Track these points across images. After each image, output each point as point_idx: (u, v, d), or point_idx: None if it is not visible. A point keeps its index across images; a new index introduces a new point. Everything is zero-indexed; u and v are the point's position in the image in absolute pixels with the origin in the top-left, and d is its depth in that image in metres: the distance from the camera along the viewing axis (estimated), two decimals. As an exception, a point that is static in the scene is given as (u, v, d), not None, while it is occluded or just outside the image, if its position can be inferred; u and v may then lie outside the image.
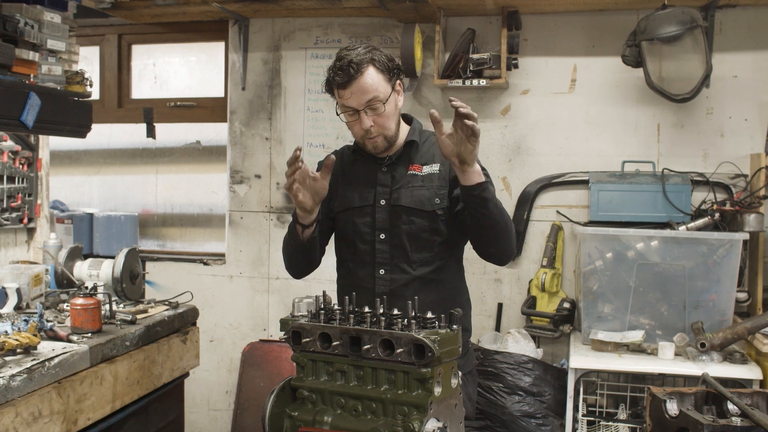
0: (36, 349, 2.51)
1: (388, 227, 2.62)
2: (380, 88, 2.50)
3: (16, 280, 3.17)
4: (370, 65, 2.49)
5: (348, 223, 2.69)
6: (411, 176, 2.62)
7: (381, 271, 2.62)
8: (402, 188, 2.62)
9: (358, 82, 2.48)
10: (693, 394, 2.82)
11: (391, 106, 2.55)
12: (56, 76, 2.96)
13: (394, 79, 2.56)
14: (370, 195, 2.66)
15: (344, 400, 1.91)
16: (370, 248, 2.64)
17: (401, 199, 2.60)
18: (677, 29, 3.72)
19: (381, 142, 2.59)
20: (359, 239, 2.66)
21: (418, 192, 2.60)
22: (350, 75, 2.48)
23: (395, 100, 2.58)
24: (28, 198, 3.68)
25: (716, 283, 3.69)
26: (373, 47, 2.55)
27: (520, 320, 4.31)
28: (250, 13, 4.48)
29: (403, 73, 2.66)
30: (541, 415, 3.74)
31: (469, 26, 4.21)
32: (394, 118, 2.59)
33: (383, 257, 2.62)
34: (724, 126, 4.09)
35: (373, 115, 2.52)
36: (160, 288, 4.75)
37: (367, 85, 2.49)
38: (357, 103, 2.51)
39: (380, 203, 2.63)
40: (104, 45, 5.03)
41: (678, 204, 3.92)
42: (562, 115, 4.27)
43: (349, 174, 2.73)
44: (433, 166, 2.63)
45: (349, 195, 2.69)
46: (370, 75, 2.49)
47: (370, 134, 2.56)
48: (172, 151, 5.08)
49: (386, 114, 2.54)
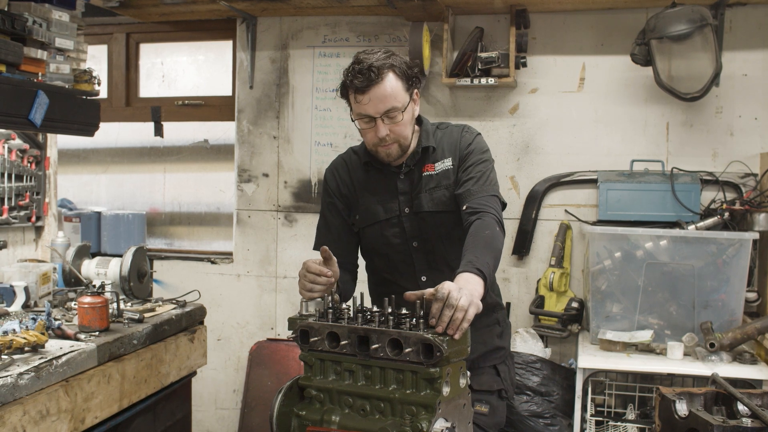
0: (44, 348, 2.51)
1: (418, 234, 2.57)
2: (399, 96, 2.42)
3: (24, 278, 3.18)
4: (390, 71, 2.40)
5: (377, 236, 2.62)
6: (427, 178, 2.57)
7: (423, 278, 2.57)
8: (421, 193, 2.56)
9: (378, 88, 2.39)
10: (702, 394, 2.81)
11: (408, 115, 2.48)
12: (64, 74, 2.96)
13: (413, 87, 2.48)
14: (394, 205, 2.59)
15: (352, 400, 1.90)
16: (407, 257, 2.60)
17: (423, 204, 2.55)
18: (687, 27, 3.70)
19: (395, 151, 2.52)
20: (392, 250, 2.62)
21: (436, 194, 2.55)
22: (370, 80, 2.38)
23: (412, 108, 2.50)
24: (36, 196, 3.69)
25: (725, 283, 3.67)
26: (392, 53, 2.46)
27: (528, 320, 4.30)
28: (258, 11, 4.48)
29: (420, 81, 2.58)
30: (549, 415, 3.72)
31: (478, 25, 4.20)
32: (411, 127, 2.53)
33: (421, 265, 2.58)
34: (733, 125, 4.06)
35: (390, 124, 2.44)
36: (167, 287, 4.76)
37: (386, 93, 2.39)
38: (374, 111, 2.42)
39: (405, 211, 2.58)
40: (112, 43, 5.04)
41: (687, 203, 3.90)
42: (570, 113, 4.26)
43: (366, 184, 2.66)
44: (446, 161, 2.57)
45: (372, 208, 2.62)
46: (390, 82, 2.40)
47: (384, 142, 2.48)
48: (180, 149, 5.08)
49: (403, 123, 2.46)
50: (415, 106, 2.52)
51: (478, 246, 2.27)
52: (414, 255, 2.58)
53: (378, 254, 2.67)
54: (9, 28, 2.59)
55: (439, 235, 2.55)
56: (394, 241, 2.60)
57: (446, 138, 2.62)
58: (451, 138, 2.62)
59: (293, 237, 4.67)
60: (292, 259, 4.65)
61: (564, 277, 4.16)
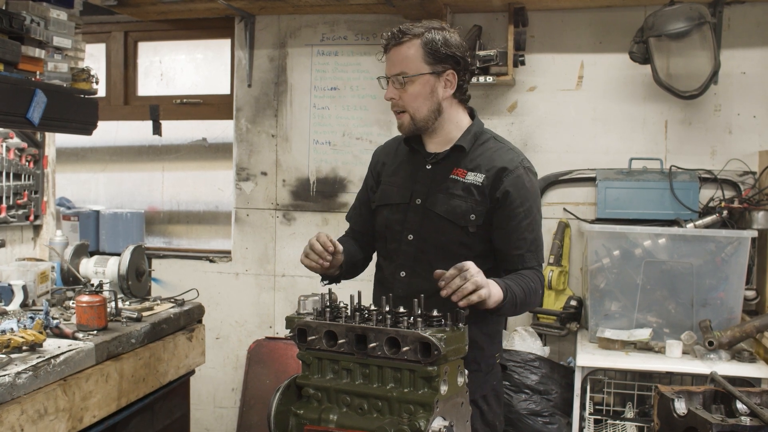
0: (42, 347, 2.50)
1: (418, 229, 2.48)
2: (413, 64, 2.39)
3: (22, 277, 3.18)
4: (416, 39, 2.39)
5: (382, 218, 2.59)
6: (452, 181, 2.45)
7: (402, 273, 2.50)
8: (440, 193, 2.46)
9: (396, 49, 2.42)
10: (701, 392, 2.81)
11: (421, 87, 2.41)
12: (62, 73, 2.95)
13: (442, 64, 2.41)
14: (407, 193, 2.52)
15: (350, 399, 1.90)
16: (397, 247, 2.52)
17: (437, 205, 2.45)
18: (685, 25, 3.70)
19: (406, 121, 2.46)
20: (389, 236, 2.56)
21: (455, 201, 2.43)
22: (391, 40, 2.43)
23: (433, 84, 2.42)
24: (35, 195, 3.69)
25: (724, 281, 3.67)
26: (442, 27, 2.44)
27: (526, 318, 4.29)
28: (256, 10, 4.47)
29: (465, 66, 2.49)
30: (547, 414, 3.73)
31: (476, 23, 4.20)
32: (427, 103, 2.43)
33: (406, 259, 2.50)
34: (732, 123, 4.06)
35: (400, 89, 2.43)
36: (165, 285, 4.75)
37: (399, 56, 2.41)
38: (388, 71, 2.46)
39: (416, 202, 2.49)
40: (110, 42, 5.03)
41: (686, 201, 3.90)
42: (569, 112, 4.26)
43: (396, 167, 2.62)
44: (478, 175, 2.44)
45: (388, 190, 2.59)
46: (410, 48, 2.40)
47: (394, 107, 2.47)
48: (178, 148, 5.08)
49: (411, 93, 2.42)
50: (439, 85, 2.43)
51: (519, 284, 2.33)
52: (403, 247, 2.50)
53: (380, 238, 2.62)
54: (7, 26, 2.59)
55: (437, 241, 2.46)
56: (394, 228, 2.54)
57: (496, 155, 2.49)
58: (502, 160, 2.47)
59: (292, 235, 4.67)
60: (290, 258, 4.65)
61: (562, 275, 4.16)
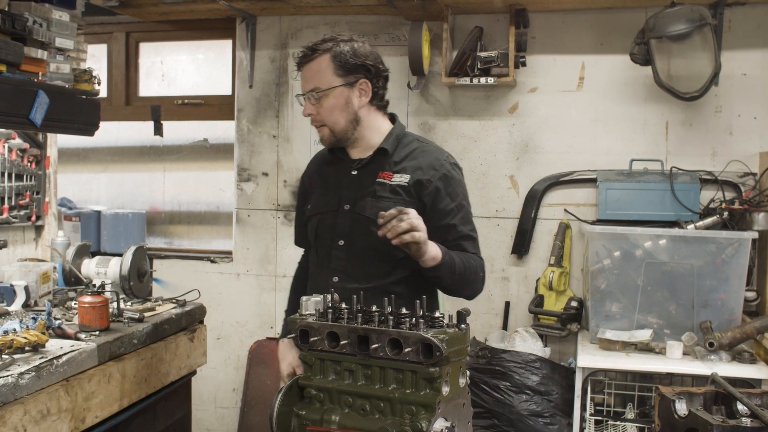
0: (44, 347, 2.50)
1: (348, 234, 2.52)
2: (325, 79, 2.46)
3: (24, 277, 3.18)
4: (326, 53, 2.46)
5: (313, 227, 2.63)
6: (379, 185, 2.50)
7: (335, 279, 2.51)
8: (368, 196, 2.50)
9: (307, 66, 2.49)
10: (702, 394, 2.81)
11: (335, 100, 2.47)
12: (64, 74, 2.95)
13: (354, 75, 2.47)
14: (335, 200, 2.57)
15: (352, 399, 1.91)
16: (328, 253, 2.55)
17: (366, 209, 2.48)
18: (686, 27, 3.70)
19: (326, 134, 2.54)
20: (320, 243, 2.60)
21: (383, 203, 2.45)
22: (302, 59, 2.50)
23: (347, 95, 2.48)
24: (36, 196, 3.69)
25: (725, 282, 3.68)
26: (351, 39, 2.51)
27: (527, 319, 4.30)
28: (258, 10, 4.48)
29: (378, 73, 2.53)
30: (548, 414, 3.73)
31: (477, 24, 4.20)
32: (344, 114, 2.49)
33: (339, 264, 2.52)
34: (732, 124, 4.07)
35: (317, 104, 2.49)
36: (167, 286, 4.76)
37: (311, 72, 2.48)
38: (302, 88, 2.53)
39: (344, 208, 2.53)
40: (112, 43, 5.04)
41: (686, 202, 3.91)
42: (569, 113, 4.26)
43: (323, 175, 2.68)
44: (404, 176, 2.50)
45: (319, 198, 2.63)
46: (320, 63, 2.46)
47: (314, 122, 2.55)
48: (180, 148, 5.08)
49: (326, 106, 2.48)
50: (353, 96, 2.49)
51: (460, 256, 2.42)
52: (335, 252, 2.53)
53: (313, 245, 2.66)
54: (9, 28, 2.59)
55: (368, 243, 2.47)
56: (324, 235, 2.57)
57: (421, 155, 2.55)
58: (427, 159, 2.53)
59: (293, 236, 4.66)
60: (291, 258, 4.64)
61: (563, 276, 4.16)
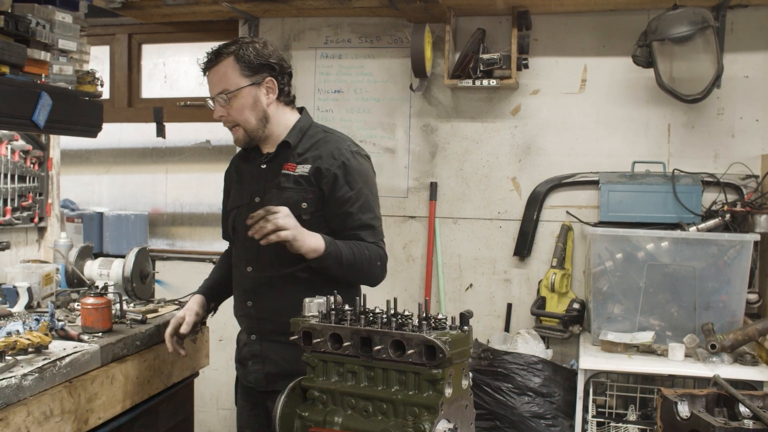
0: (47, 349, 2.51)
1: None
2: (232, 80, 2.52)
3: (27, 279, 3.19)
4: (229, 56, 2.52)
5: (232, 220, 2.72)
6: (284, 176, 2.57)
7: (249, 269, 2.63)
8: (274, 188, 2.58)
9: (213, 70, 2.56)
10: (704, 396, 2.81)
11: (244, 100, 2.54)
12: (67, 75, 2.96)
13: (260, 75, 2.54)
14: (248, 193, 2.66)
15: (355, 401, 1.91)
16: (242, 245, 2.65)
17: (273, 200, 2.54)
18: (688, 29, 3.71)
19: (240, 135, 2.61)
20: (237, 236, 2.70)
21: (287, 194, 2.54)
22: (207, 63, 2.58)
23: (255, 94, 2.55)
24: (39, 197, 3.69)
25: (727, 284, 3.68)
26: (251, 41, 2.57)
27: (529, 321, 4.30)
28: (260, 12, 4.49)
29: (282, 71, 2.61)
30: (550, 416, 3.73)
31: (480, 26, 4.21)
32: (254, 113, 2.57)
33: (251, 255, 2.61)
34: (735, 126, 4.07)
35: (226, 105, 2.55)
36: (169, 287, 4.76)
37: (218, 75, 2.54)
38: (210, 92, 2.58)
39: (255, 201, 2.61)
40: (114, 44, 5.05)
41: (688, 205, 3.91)
42: (572, 115, 4.26)
43: (240, 171, 2.76)
44: (306, 166, 2.56)
45: (235, 194, 2.73)
46: (225, 66, 2.53)
47: (226, 123, 2.60)
48: (182, 150, 5.09)
49: (236, 107, 2.54)
50: (261, 94, 2.56)
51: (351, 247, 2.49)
52: (247, 244, 2.59)
53: (232, 239, 2.77)
54: (13, 29, 2.59)
55: None
56: (239, 228, 2.65)
57: (323, 144, 2.61)
58: (328, 148, 2.59)
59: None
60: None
61: (565, 278, 4.16)
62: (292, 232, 2.34)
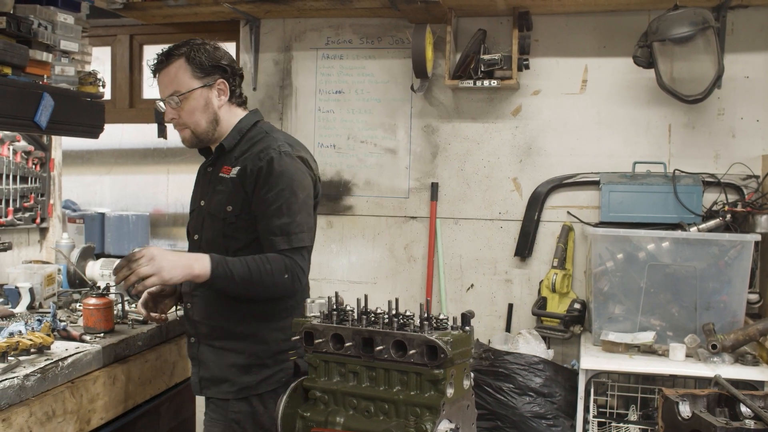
0: (49, 349, 2.52)
1: (200, 229, 2.62)
2: (182, 82, 2.51)
3: (29, 279, 3.20)
4: (181, 58, 2.51)
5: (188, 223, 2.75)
6: (221, 180, 2.56)
7: None
8: (212, 192, 2.59)
9: (163, 72, 2.54)
10: (705, 396, 2.82)
11: (196, 102, 2.52)
12: (69, 76, 2.97)
13: (212, 77, 2.53)
14: (198, 197, 2.69)
15: (356, 401, 1.91)
16: (190, 248, 2.67)
17: (210, 203, 2.58)
18: (689, 30, 3.71)
19: (188, 136, 2.60)
20: (189, 238, 2.71)
21: (218, 197, 2.55)
22: (158, 65, 2.55)
23: (207, 96, 2.54)
24: (41, 198, 3.70)
25: (727, 285, 3.68)
26: (203, 43, 2.55)
27: (530, 321, 4.30)
28: (262, 13, 4.49)
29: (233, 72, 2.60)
30: (551, 416, 3.73)
31: (480, 27, 4.21)
32: (205, 115, 2.55)
33: None
34: (735, 127, 4.07)
35: (177, 107, 2.53)
36: (171, 288, 4.75)
37: (169, 77, 2.52)
38: (161, 94, 2.57)
39: (200, 204, 2.64)
40: (116, 45, 5.05)
41: (689, 205, 3.91)
42: (573, 115, 4.27)
43: (197, 174, 2.77)
44: (237, 168, 2.53)
45: (192, 197, 2.75)
46: (176, 67, 2.51)
47: (177, 126, 2.58)
48: (184, 151, 5.08)
49: (188, 109, 2.53)
50: (212, 96, 2.55)
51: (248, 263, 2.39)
52: (192, 248, 2.64)
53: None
54: (15, 30, 2.60)
55: (208, 236, 2.57)
56: (190, 231, 2.70)
57: (255, 146, 2.57)
58: (256, 149, 2.55)
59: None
60: (295, 261, 4.65)
61: (566, 278, 4.17)
62: (158, 277, 2.27)
